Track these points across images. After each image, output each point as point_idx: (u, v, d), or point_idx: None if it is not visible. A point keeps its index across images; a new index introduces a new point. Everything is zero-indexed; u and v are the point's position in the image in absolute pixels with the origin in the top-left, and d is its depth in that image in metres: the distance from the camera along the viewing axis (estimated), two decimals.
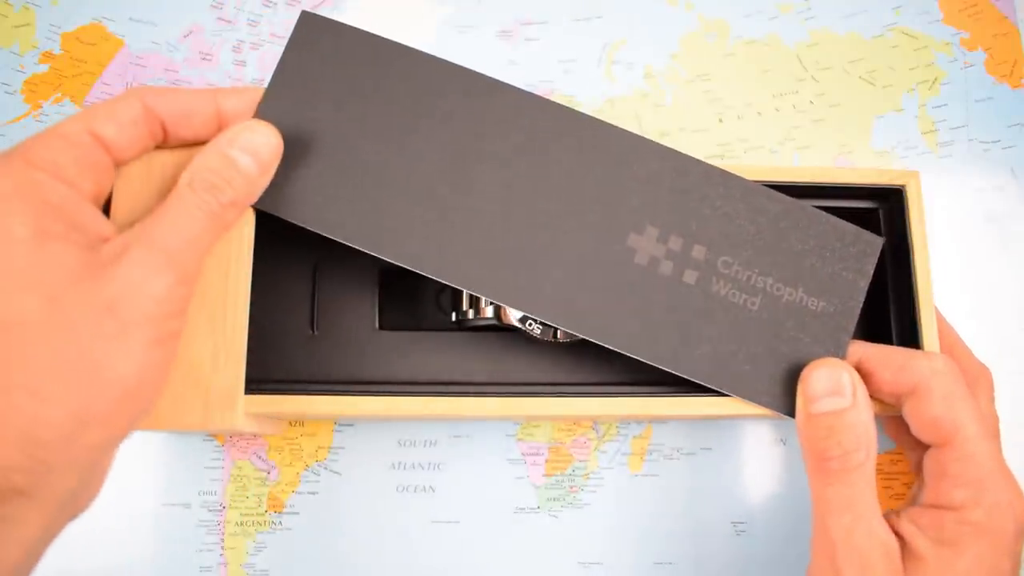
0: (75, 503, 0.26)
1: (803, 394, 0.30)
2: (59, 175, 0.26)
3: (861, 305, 0.32)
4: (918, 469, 0.36)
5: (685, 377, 0.31)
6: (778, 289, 0.32)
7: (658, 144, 0.32)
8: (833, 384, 0.29)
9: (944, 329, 0.34)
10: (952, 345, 0.34)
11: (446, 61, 0.32)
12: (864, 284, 0.32)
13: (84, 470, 0.26)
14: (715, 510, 0.39)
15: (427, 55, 0.32)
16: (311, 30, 0.32)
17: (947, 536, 0.28)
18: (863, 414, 0.29)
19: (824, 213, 0.32)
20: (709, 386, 0.31)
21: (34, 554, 0.26)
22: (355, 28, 0.32)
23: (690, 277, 0.31)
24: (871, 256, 0.32)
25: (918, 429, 0.30)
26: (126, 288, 0.25)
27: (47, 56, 0.42)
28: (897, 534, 0.29)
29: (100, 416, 0.25)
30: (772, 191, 0.32)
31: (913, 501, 0.31)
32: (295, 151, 0.31)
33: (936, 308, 0.33)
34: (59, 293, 0.24)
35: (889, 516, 0.30)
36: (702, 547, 0.39)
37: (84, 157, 0.27)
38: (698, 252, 0.31)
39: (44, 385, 0.24)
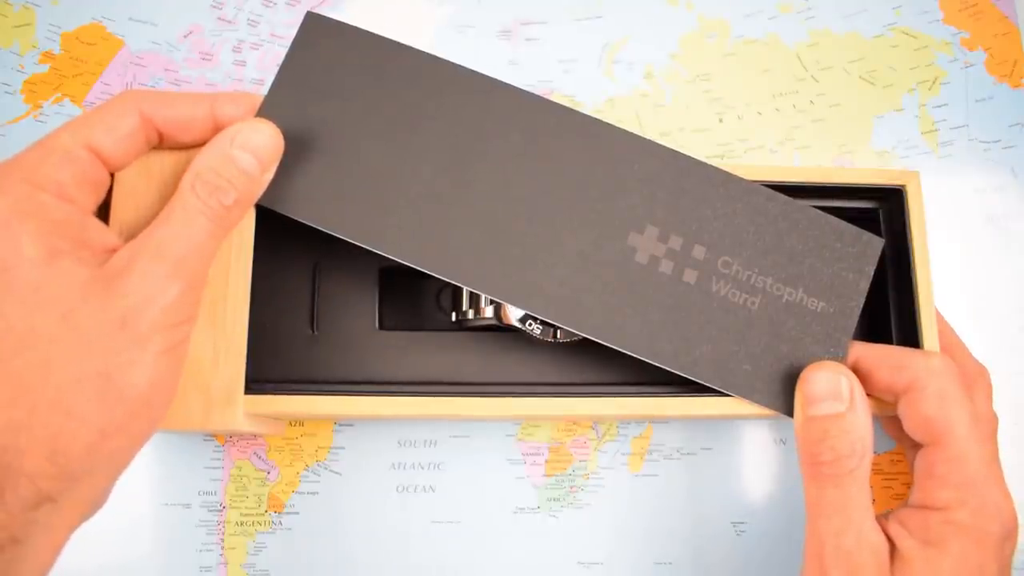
0: (95, 504, 0.27)
1: (801, 396, 0.30)
2: (61, 194, 0.26)
3: (861, 305, 0.32)
4: None
5: (685, 376, 0.31)
6: (778, 289, 0.32)
7: (658, 144, 0.32)
8: (832, 388, 0.29)
9: (943, 329, 0.34)
10: (951, 345, 0.34)
11: (448, 61, 0.32)
12: (864, 285, 0.32)
13: (106, 476, 0.26)
14: (715, 510, 0.39)
15: (429, 55, 0.32)
16: (316, 30, 0.32)
17: (933, 536, 0.28)
18: (860, 419, 0.29)
19: (824, 214, 0.32)
20: (709, 385, 0.31)
21: (58, 555, 0.26)
22: (359, 28, 0.32)
23: (690, 276, 0.31)
24: (871, 257, 0.32)
25: (911, 427, 0.30)
26: (136, 301, 0.25)
27: (47, 56, 0.42)
28: (887, 535, 0.29)
29: (119, 426, 0.25)
30: (772, 191, 0.32)
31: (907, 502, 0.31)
32: (298, 148, 0.31)
33: (935, 308, 0.33)
34: (71, 310, 0.25)
35: (880, 518, 0.30)
36: (702, 547, 0.39)
37: (83, 173, 0.27)
38: (698, 252, 0.31)
39: (65, 400, 0.24)
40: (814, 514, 0.29)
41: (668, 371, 0.31)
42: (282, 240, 0.34)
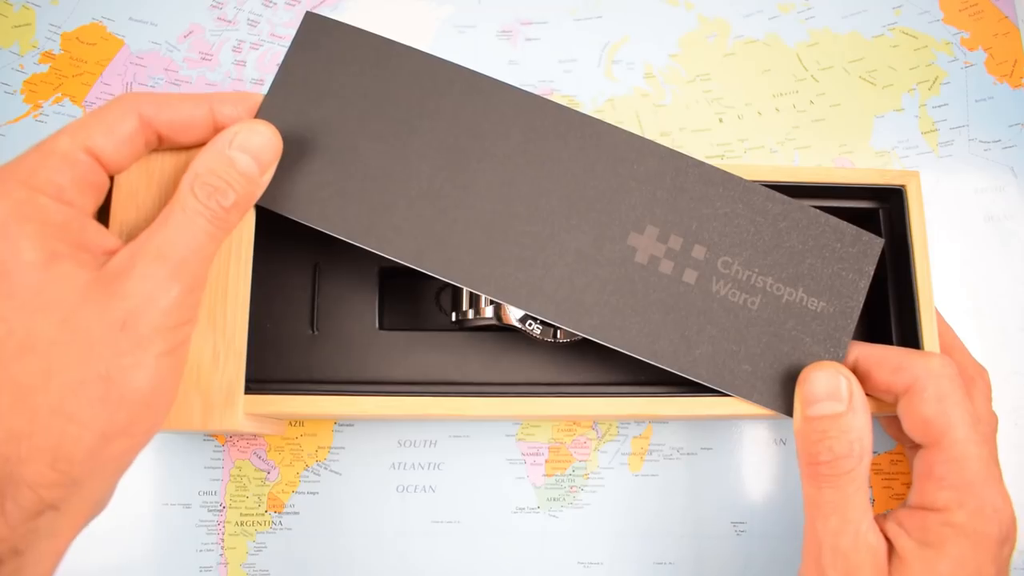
0: (98, 507, 0.27)
1: (800, 396, 0.30)
2: (60, 197, 0.26)
3: (861, 305, 0.32)
4: None
5: (685, 376, 0.31)
6: (778, 289, 0.32)
7: (658, 144, 0.32)
8: (830, 388, 0.29)
9: (943, 329, 0.34)
10: (950, 345, 0.34)
11: (447, 61, 0.32)
12: (864, 284, 0.32)
13: (109, 480, 0.26)
14: (715, 510, 0.39)
15: (429, 55, 0.32)
16: (315, 30, 0.32)
17: (931, 537, 0.28)
18: (858, 419, 0.29)
19: (823, 213, 0.32)
20: (709, 386, 0.31)
21: (60, 560, 0.26)
22: (358, 29, 0.32)
23: (690, 277, 0.31)
24: (871, 256, 0.32)
25: (910, 428, 0.30)
26: (136, 303, 0.25)
27: (47, 56, 0.42)
28: (884, 536, 0.29)
29: (122, 429, 0.25)
30: (771, 191, 0.32)
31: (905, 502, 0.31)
32: (298, 149, 0.31)
33: (935, 308, 0.33)
34: (72, 313, 0.25)
35: (878, 518, 0.30)
36: (702, 547, 0.39)
37: (82, 177, 0.27)
38: (698, 252, 0.31)
39: (67, 404, 0.24)
40: (812, 514, 0.29)
41: (668, 371, 0.31)
42: (282, 240, 0.34)
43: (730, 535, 0.39)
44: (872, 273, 0.32)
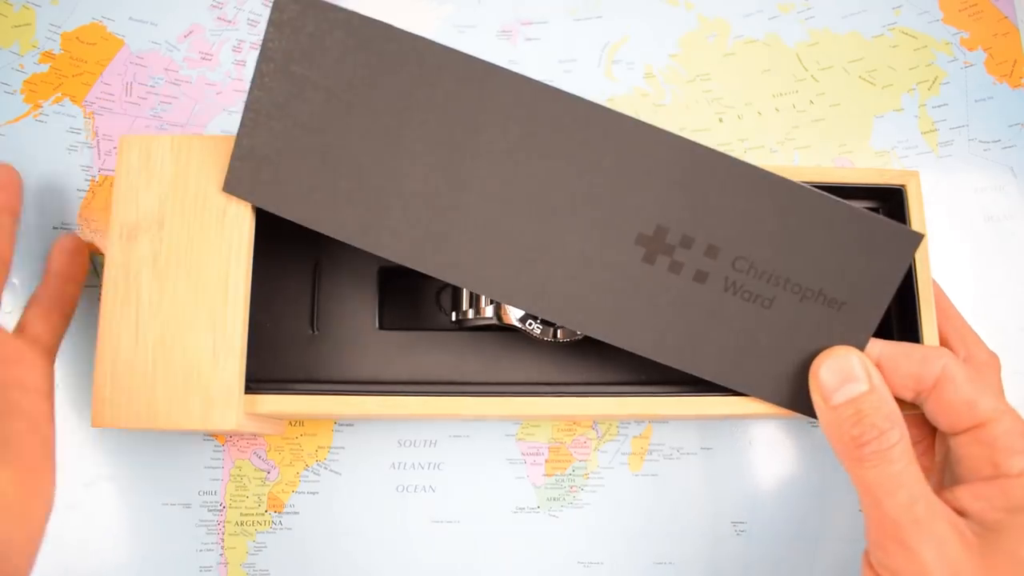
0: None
1: (817, 390, 0.30)
2: None
3: (888, 301, 0.30)
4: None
5: (698, 376, 0.31)
6: (797, 287, 0.30)
7: (669, 132, 0.29)
8: (846, 371, 0.29)
9: (954, 316, 0.34)
10: (962, 333, 0.34)
11: (439, 44, 0.29)
12: (897, 279, 0.30)
13: None
14: (715, 510, 0.39)
15: (418, 36, 0.29)
16: (289, 10, 0.29)
17: (1018, 502, 0.28)
18: (884, 392, 0.29)
19: (855, 207, 0.30)
20: (725, 385, 0.31)
21: None
22: (335, 6, 0.29)
23: (702, 276, 0.30)
24: (907, 251, 0.30)
25: (950, 416, 0.30)
26: None
27: (47, 56, 0.42)
28: (961, 512, 0.29)
29: None
30: (793, 182, 0.30)
31: (939, 486, 0.31)
32: (291, 146, 0.30)
33: (945, 295, 0.32)
34: None
35: (943, 495, 0.29)
36: (702, 547, 0.39)
37: None
38: (711, 250, 0.30)
39: None
40: (875, 498, 0.28)
41: (668, 370, 0.31)
42: (282, 240, 0.34)
43: (730, 535, 0.39)
44: (907, 268, 0.30)
